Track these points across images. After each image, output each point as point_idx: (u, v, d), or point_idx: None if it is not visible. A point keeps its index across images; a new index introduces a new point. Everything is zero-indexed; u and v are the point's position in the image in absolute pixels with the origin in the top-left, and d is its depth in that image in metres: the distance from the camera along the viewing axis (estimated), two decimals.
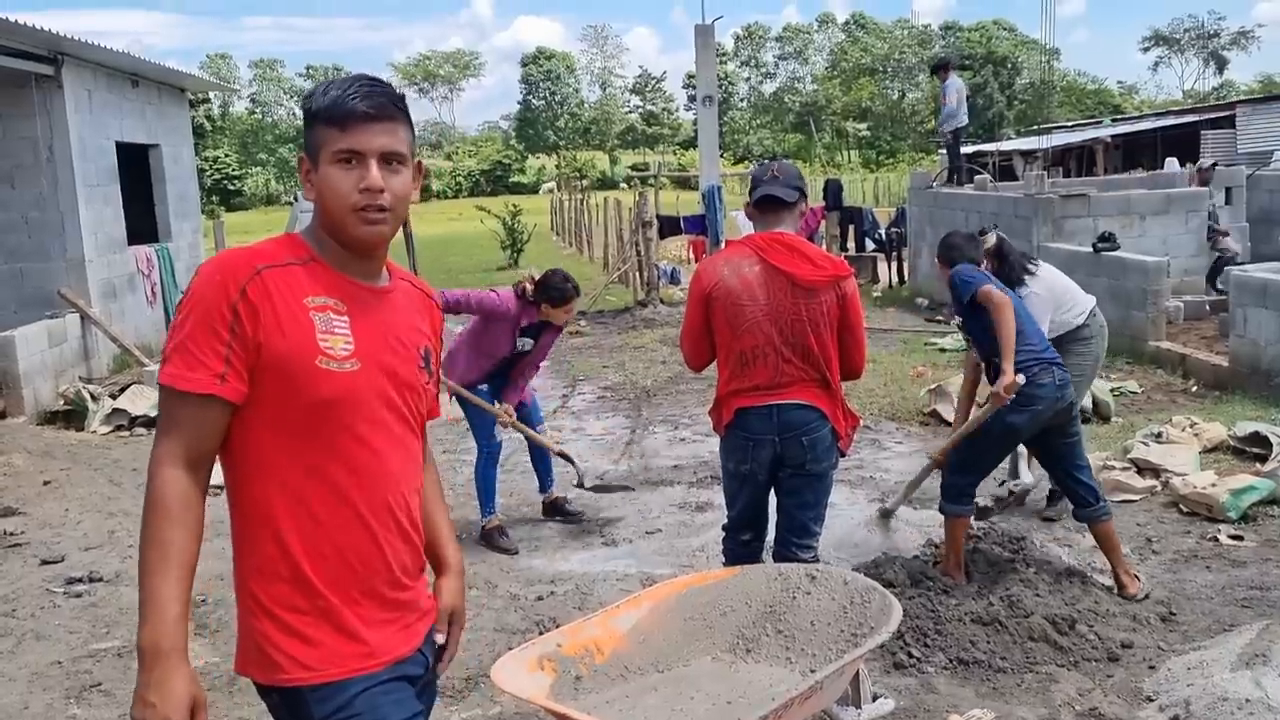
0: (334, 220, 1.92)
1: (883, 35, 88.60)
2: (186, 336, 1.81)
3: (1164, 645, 4.19)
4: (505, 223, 24.71)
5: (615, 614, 3.16)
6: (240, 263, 1.86)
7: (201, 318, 1.81)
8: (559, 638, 3.01)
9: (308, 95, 1.95)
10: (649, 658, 3.09)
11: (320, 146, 1.90)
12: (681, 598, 3.24)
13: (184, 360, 1.81)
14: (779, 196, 3.82)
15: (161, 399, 1.86)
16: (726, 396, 3.91)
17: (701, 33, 15.60)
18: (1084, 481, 4.74)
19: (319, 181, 1.92)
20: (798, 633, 3.08)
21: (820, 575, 3.21)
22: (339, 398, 1.87)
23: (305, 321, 1.86)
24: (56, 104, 10.60)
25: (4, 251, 10.80)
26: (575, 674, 2.94)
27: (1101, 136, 28.24)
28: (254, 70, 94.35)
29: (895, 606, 2.95)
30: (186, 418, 1.82)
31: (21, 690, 4.32)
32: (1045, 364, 4.57)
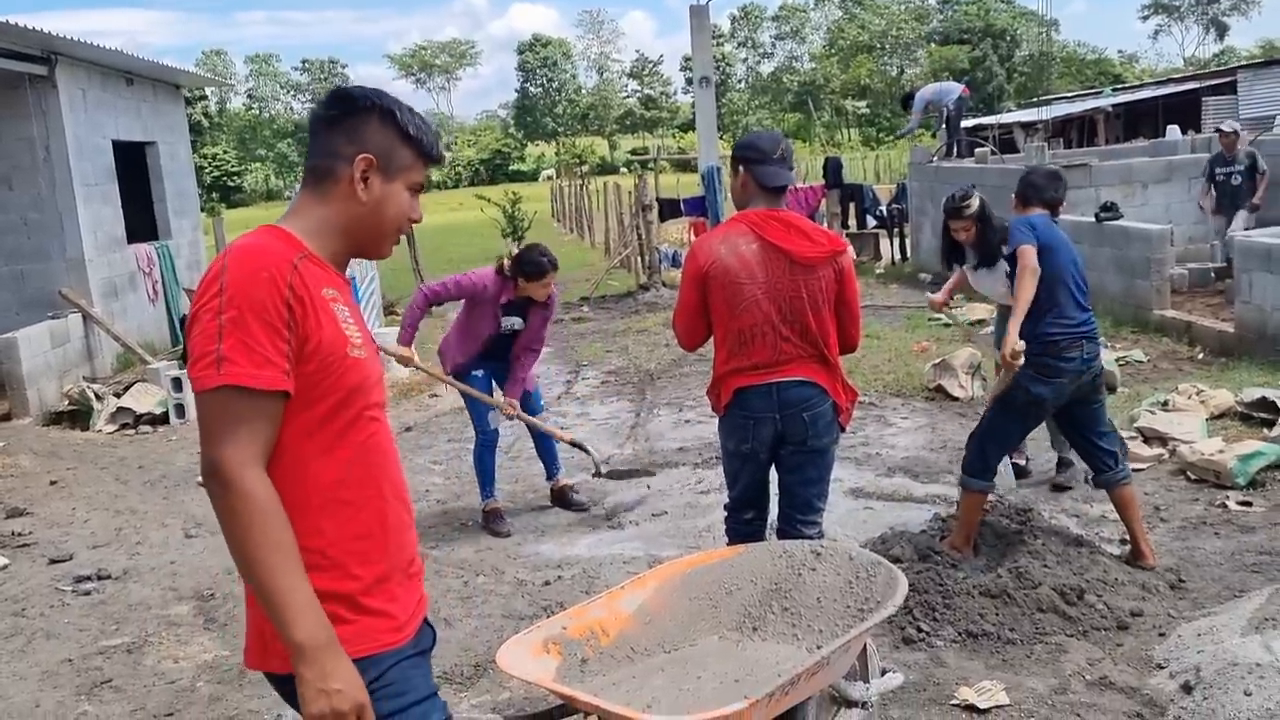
0: (380, 231, 2.02)
1: (880, 12, 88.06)
2: (246, 334, 1.79)
3: (1174, 613, 4.17)
4: (506, 211, 24.66)
5: (620, 595, 3.15)
6: (279, 257, 1.86)
7: (258, 314, 1.80)
8: (564, 620, 3.00)
9: (393, 109, 1.99)
10: (655, 638, 3.08)
11: (403, 168, 2.00)
12: (686, 577, 3.23)
13: (249, 358, 1.78)
14: (791, 184, 3.83)
15: (222, 400, 1.79)
16: (725, 376, 3.88)
17: (696, 14, 15.51)
18: (1105, 447, 4.70)
19: (385, 194, 1.99)
20: (804, 609, 3.07)
21: (825, 551, 3.20)
22: (361, 384, 1.95)
23: (330, 312, 1.91)
24: (51, 104, 10.58)
25: (4, 253, 10.79)
26: (581, 656, 2.94)
27: (1102, 106, 28.10)
28: (250, 65, 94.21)
29: (901, 580, 2.93)
30: (259, 418, 1.81)
31: (33, 688, 4.33)
32: (1075, 338, 4.51)
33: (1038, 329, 4.50)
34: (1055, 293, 4.54)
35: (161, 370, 9.55)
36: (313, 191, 2.01)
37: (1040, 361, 4.49)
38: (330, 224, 1.98)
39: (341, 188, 1.97)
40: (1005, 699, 3.58)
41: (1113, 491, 4.68)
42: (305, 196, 2.02)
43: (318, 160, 2.00)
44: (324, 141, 2.00)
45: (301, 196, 2.03)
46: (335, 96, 2.03)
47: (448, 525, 6.03)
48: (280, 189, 76.42)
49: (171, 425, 9.05)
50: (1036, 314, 4.51)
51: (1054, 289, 4.53)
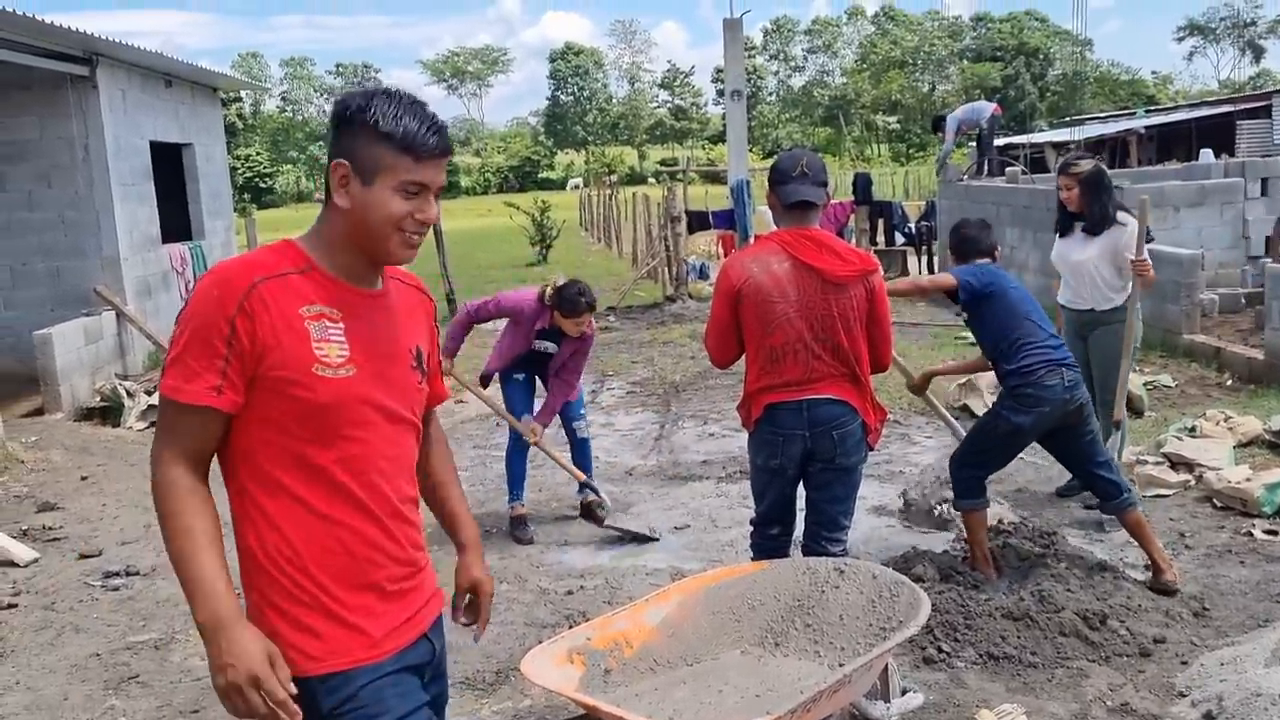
0: (374, 238, 1.97)
1: (913, 28, 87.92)
2: (184, 350, 1.89)
3: (1197, 640, 4.16)
4: (534, 219, 24.77)
5: (644, 608, 3.18)
6: (237, 276, 1.91)
7: (198, 332, 1.88)
8: (588, 631, 3.04)
9: (365, 106, 1.93)
10: (678, 651, 3.10)
11: (383, 169, 1.93)
12: (710, 591, 3.25)
13: (181, 373, 1.88)
14: (812, 201, 3.82)
15: (161, 406, 1.95)
16: (756, 393, 3.92)
17: (730, 27, 15.55)
18: (1106, 476, 4.71)
19: (366, 198, 1.94)
20: (826, 626, 3.08)
21: (849, 569, 3.22)
22: (334, 402, 1.94)
23: (301, 330, 1.92)
24: (92, 104, 10.73)
25: (41, 250, 10.94)
26: (604, 667, 2.97)
27: (1135, 128, 27.94)
28: (285, 69, 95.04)
29: (924, 600, 2.95)
30: (184, 426, 1.92)
31: (61, 682, 4.40)
32: (1054, 365, 4.50)
33: (1013, 363, 4.53)
34: (1019, 326, 4.55)
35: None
36: (323, 207, 2.05)
37: (1022, 392, 4.51)
38: (329, 235, 2.00)
39: (334, 199, 1.98)
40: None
41: (1122, 517, 4.69)
42: (319, 213, 2.07)
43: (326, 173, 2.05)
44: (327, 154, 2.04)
45: (319, 214, 2.09)
46: (332, 109, 2.04)
47: None
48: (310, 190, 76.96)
49: None
50: (1009, 350, 4.54)
51: (1018, 323, 4.56)
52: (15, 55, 9.40)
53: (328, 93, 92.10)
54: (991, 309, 4.57)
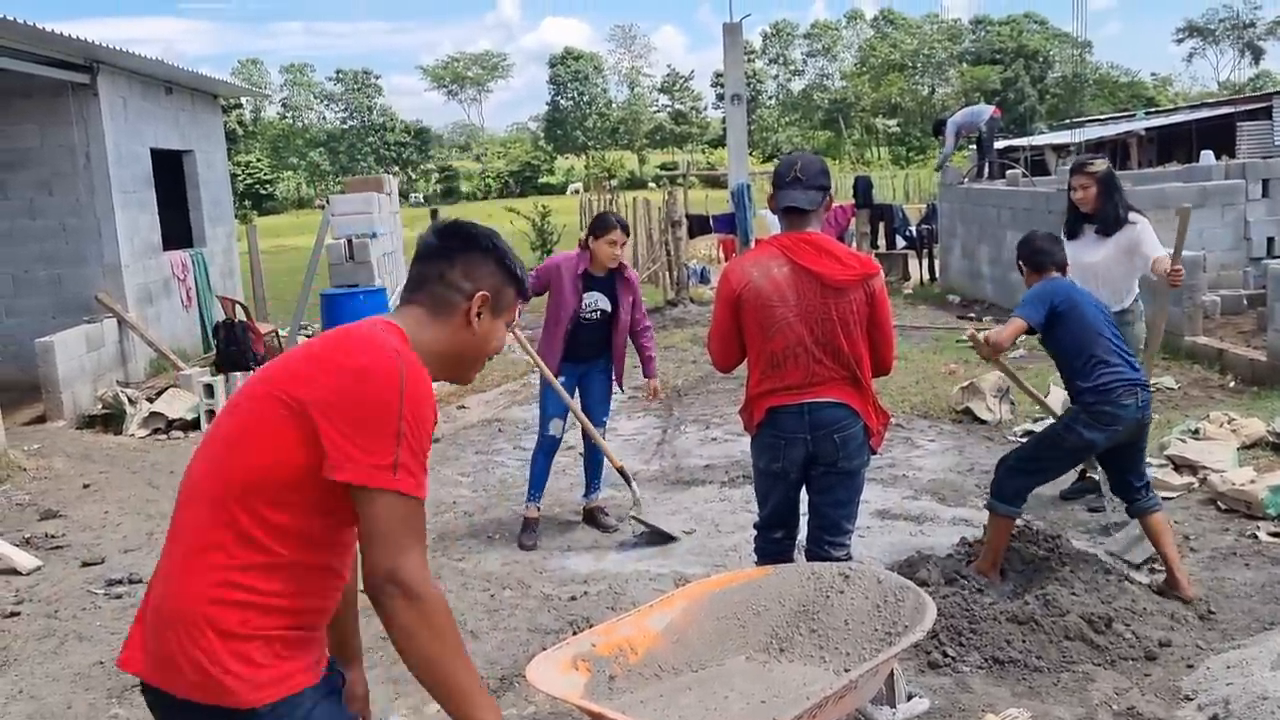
0: (476, 359, 2.22)
1: (912, 31, 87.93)
2: (420, 449, 1.92)
3: (1202, 644, 4.15)
4: (535, 223, 24.79)
5: (649, 614, 3.18)
6: (430, 383, 2.01)
7: (426, 433, 1.95)
8: (593, 638, 3.04)
9: (505, 254, 2.21)
10: (683, 657, 3.10)
11: (505, 305, 2.22)
12: (715, 597, 3.25)
13: (422, 469, 1.93)
14: (801, 207, 3.81)
15: (396, 506, 1.89)
16: (758, 396, 3.92)
17: (729, 31, 15.57)
18: (1137, 480, 4.72)
19: (491, 328, 2.19)
20: (831, 632, 3.08)
21: (854, 574, 3.22)
22: None
23: None
24: (92, 112, 10.74)
25: (43, 258, 10.95)
26: (609, 674, 2.97)
27: (1135, 130, 27.95)
28: (285, 75, 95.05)
29: (929, 605, 2.94)
30: (421, 524, 1.94)
31: (65, 690, 4.39)
32: (1129, 385, 4.49)
33: (1090, 381, 4.51)
34: (1095, 343, 4.54)
35: (194, 376, 9.66)
36: (428, 312, 2.15)
37: (1099, 410, 4.48)
38: (440, 345, 2.14)
39: (457, 319, 2.15)
40: None
41: (1146, 520, 4.67)
42: (419, 312, 2.15)
43: (434, 287, 2.15)
44: (441, 270, 2.16)
45: (414, 310, 2.16)
46: (455, 231, 2.22)
47: (474, 538, 6.06)
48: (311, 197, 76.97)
49: (202, 431, 9.14)
50: (1085, 369, 4.53)
51: (1093, 340, 4.54)
52: (16, 63, 9.41)
53: (327, 99, 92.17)
54: (1066, 328, 4.55)
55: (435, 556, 5.79)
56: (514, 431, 8.58)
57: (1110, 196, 5.65)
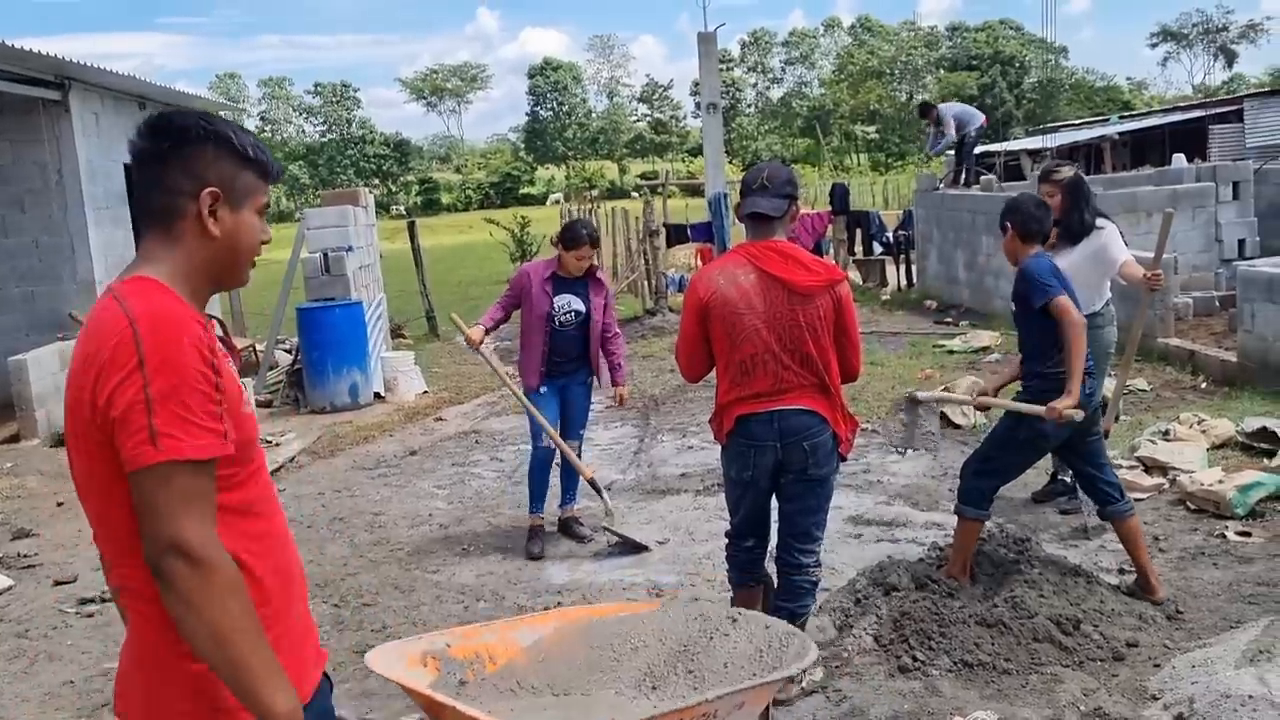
0: (236, 262, 1.95)
1: (889, 38, 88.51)
2: (181, 406, 1.73)
3: (1170, 643, 4.18)
4: (514, 234, 24.78)
5: (516, 626, 3.10)
6: (190, 319, 1.80)
7: (190, 383, 1.74)
8: (449, 638, 2.93)
9: (225, 135, 1.90)
10: (546, 678, 2.98)
11: (249, 194, 1.92)
12: (594, 624, 3.13)
13: (186, 430, 1.72)
14: (766, 213, 3.84)
15: (164, 477, 1.71)
16: (727, 405, 3.93)
17: (704, 40, 15.63)
18: (1108, 479, 4.73)
19: (236, 224, 1.91)
20: (708, 674, 2.93)
21: (742, 619, 3.08)
22: (253, 436, 1.93)
23: (228, 367, 1.87)
24: (64, 128, 10.69)
25: (15, 275, 10.89)
26: (460, 678, 2.85)
27: (1108, 134, 28.16)
28: (263, 89, 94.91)
29: (812, 650, 2.84)
30: (205, 487, 1.76)
31: (35, 710, 4.37)
32: (1086, 372, 4.51)
33: (1045, 366, 4.52)
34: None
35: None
36: (161, 234, 1.90)
37: (1050, 397, 4.48)
38: (189, 265, 1.90)
39: (190, 225, 1.88)
40: None
41: (1119, 523, 4.68)
42: (154, 240, 1.91)
43: (158, 199, 1.89)
44: (158, 177, 1.89)
45: (149, 240, 1.92)
46: (160, 127, 1.90)
47: (449, 550, 6.06)
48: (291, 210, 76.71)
49: None
50: (1042, 352, 4.51)
51: None
52: None
53: (307, 112, 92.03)
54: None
55: (410, 569, 5.79)
56: (491, 444, 8.58)
57: (1076, 204, 5.67)
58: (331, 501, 7.28)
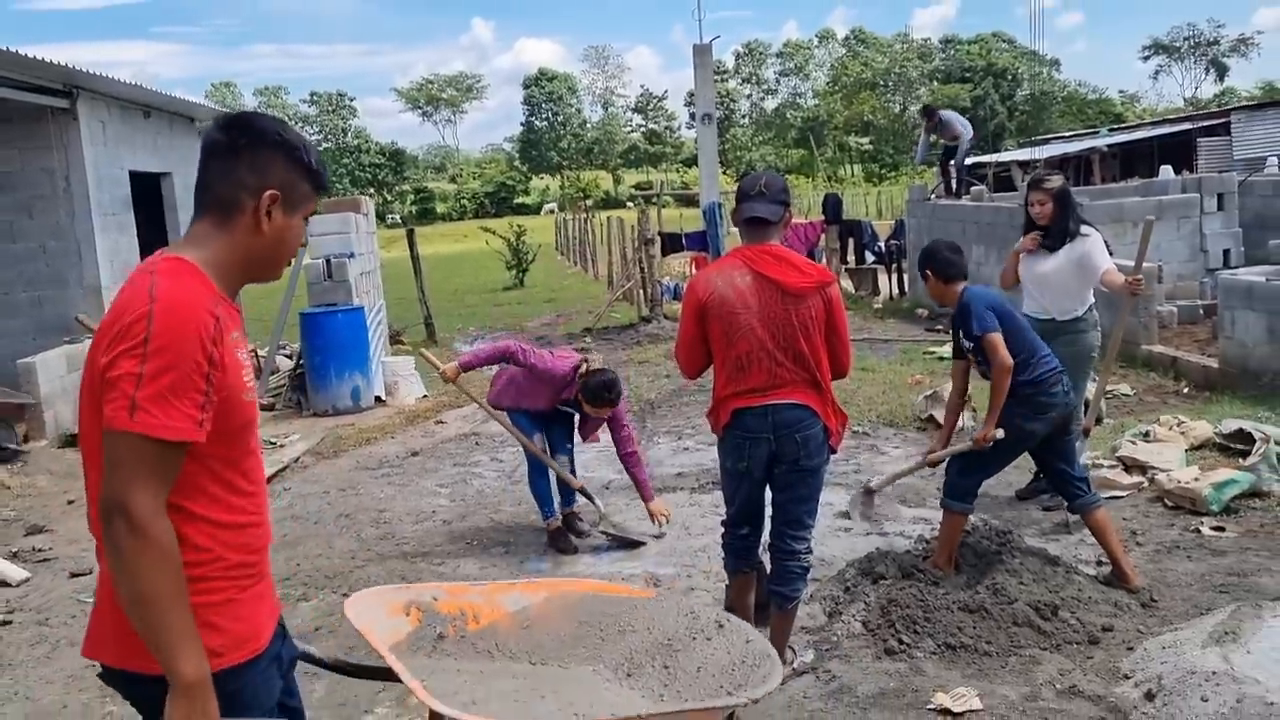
0: (276, 261, 2.15)
1: (883, 50, 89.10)
2: (167, 388, 1.87)
3: (1143, 629, 4.39)
4: (510, 243, 25.02)
5: (505, 590, 3.09)
6: (204, 310, 1.94)
7: (182, 369, 1.88)
8: (437, 591, 2.96)
9: (297, 146, 2.11)
10: (526, 645, 2.98)
11: (301, 200, 2.13)
12: (585, 600, 3.13)
13: (165, 411, 1.87)
14: (764, 218, 4.05)
15: (133, 444, 1.87)
16: (724, 399, 4.14)
17: (700, 52, 15.90)
18: (1077, 475, 5.01)
19: (284, 227, 2.11)
20: (681, 673, 2.90)
21: (729, 626, 3.02)
22: (250, 421, 2.10)
23: (235, 360, 2.01)
24: (72, 136, 10.88)
25: (23, 280, 11.07)
26: (440, 632, 2.87)
27: (1098, 146, 28.48)
28: (259, 98, 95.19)
29: (772, 683, 2.75)
30: (165, 464, 1.90)
31: (59, 692, 4.56)
32: (1058, 373, 4.86)
33: (1026, 375, 4.80)
34: (1028, 341, 4.87)
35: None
36: (216, 221, 2.08)
37: (1035, 401, 4.80)
38: (232, 255, 2.07)
39: (245, 219, 2.06)
40: (979, 704, 3.81)
41: (1088, 515, 4.93)
42: (206, 224, 2.08)
43: (223, 190, 2.07)
44: (225, 169, 2.07)
45: (201, 224, 2.09)
46: (239, 124, 2.09)
47: (453, 545, 6.26)
48: None
49: None
50: (1022, 365, 4.80)
51: (1024, 337, 4.87)
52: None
53: (303, 121, 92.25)
54: (1007, 330, 4.79)
55: (415, 563, 5.99)
56: (491, 445, 8.78)
57: (1064, 212, 5.92)
58: (337, 500, 7.47)
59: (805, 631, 4.56)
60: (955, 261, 4.97)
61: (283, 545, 6.36)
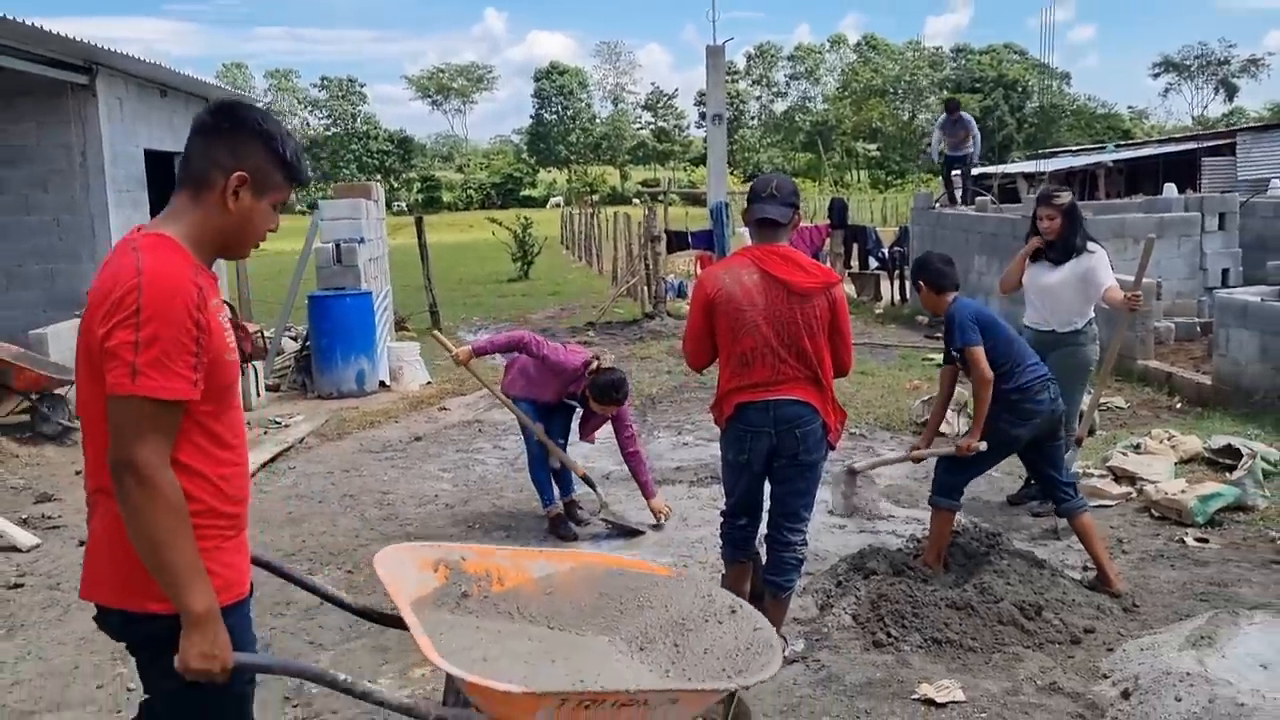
0: (240, 239, 2.35)
1: (894, 57, 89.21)
2: (163, 352, 2.09)
3: (1124, 632, 4.53)
4: (516, 235, 25.13)
5: (534, 557, 3.20)
6: (187, 280, 2.15)
7: (174, 334, 2.11)
8: (466, 552, 3.09)
9: (274, 136, 2.29)
10: (546, 611, 3.06)
11: (270, 187, 2.32)
12: (609, 573, 3.21)
13: (163, 374, 2.09)
14: (774, 219, 4.19)
15: (135, 407, 2.09)
16: (727, 393, 4.28)
17: (713, 54, 16.02)
18: (1064, 480, 5.17)
19: (250, 208, 2.30)
20: (689, 653, 2.97)
21: (742, 613, 3.08)
22: (234, 380, 2.33)
23: (217, 324, 2.24)
24: (90, 112, 11.01)
25: (36, 253, 11.20)
26: (464, 590, 2.98)
27: (1104, 161, 28.61)
28: (270, 80, 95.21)
29: (770, 670, 2.80)
30: (167, 422, 2.14)
31: (71, 653, 4.70)
32: (1044, 380, 5.01)
33: (1013, 382, 4.97)
34: (1013, 349, 5.03)
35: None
36: (191, 195, 2.29)
37: (1021, 407, 4.97)
38: (204, 228, 2.28)
39: (214, 196, 2.26)
40: (961, 696, 3.95)
41: (1074, 519, 5.08)
42: (183, 197, 2.30)
43: (200, 166, 2.27)
44: (206, 148, 2.28)
45: (179, 196, 2.31)
46: (226, 110, 2.31)
47: (456, 527, 6.40)
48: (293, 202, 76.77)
49: None
50: (1009, 372, 4.97)
51: (1011, 347, 5.03)
52: (17, 62, 9.69)
53: (312, 105, 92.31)
54: (990, 340, 4.95)
55: None
56: (494, 433, 8.92)
57: (1072, 227, 6.06)
58: (341, 480, 7.61)
59: (797, 622, 4.71)
60: (947, 273, 5.12)
61: (288, 522, 6.51)
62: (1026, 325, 6.35)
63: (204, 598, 2.14)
